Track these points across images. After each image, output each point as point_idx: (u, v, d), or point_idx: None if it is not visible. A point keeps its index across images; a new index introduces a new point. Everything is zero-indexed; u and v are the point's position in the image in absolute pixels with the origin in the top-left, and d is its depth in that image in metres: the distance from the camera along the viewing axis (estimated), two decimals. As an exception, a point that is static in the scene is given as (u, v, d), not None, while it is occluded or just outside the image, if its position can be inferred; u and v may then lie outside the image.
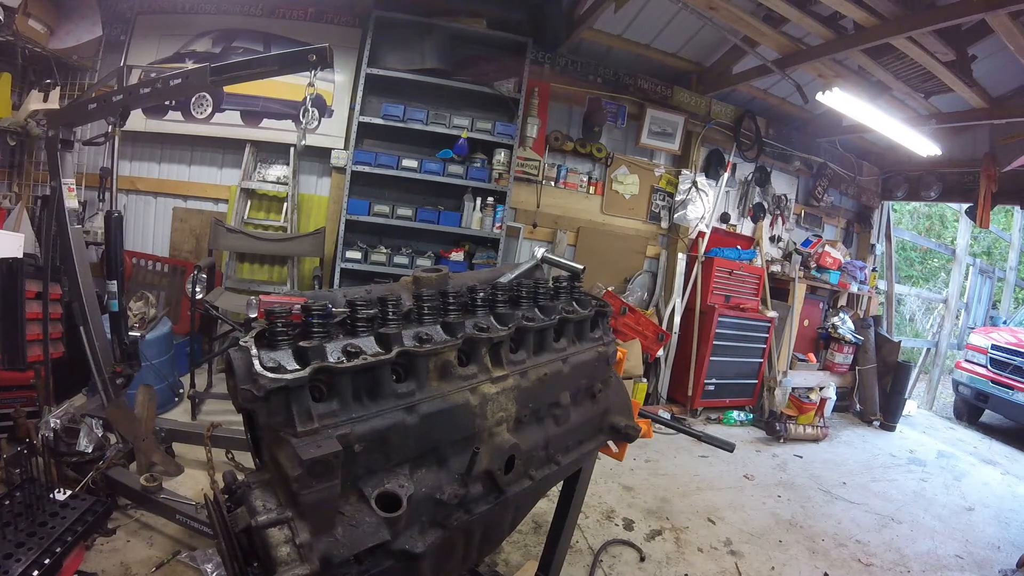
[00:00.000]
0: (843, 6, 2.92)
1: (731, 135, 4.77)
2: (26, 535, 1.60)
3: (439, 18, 3.62)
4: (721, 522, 2.83)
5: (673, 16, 3.74)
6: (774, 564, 2.50)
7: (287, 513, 0.67)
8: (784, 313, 4.91)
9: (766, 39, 3.51)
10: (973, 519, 3.38)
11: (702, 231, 4.71)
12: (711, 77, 4.50)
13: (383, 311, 0.84)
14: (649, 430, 1.72)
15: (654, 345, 4.20)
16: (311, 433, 0.69)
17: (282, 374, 0.68)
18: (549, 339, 1.06)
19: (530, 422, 1.01)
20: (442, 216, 3.76)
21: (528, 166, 4.08)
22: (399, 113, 3.62)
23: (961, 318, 7.98)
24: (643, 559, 2.38)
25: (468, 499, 0.87)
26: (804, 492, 3.38)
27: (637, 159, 4.58)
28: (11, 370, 2.32)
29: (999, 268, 8.71)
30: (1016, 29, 2.81)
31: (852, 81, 3.72)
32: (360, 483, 0.75)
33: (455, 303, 0.92)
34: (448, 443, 0.86)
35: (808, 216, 5.55)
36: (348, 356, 0.75)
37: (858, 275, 5.55)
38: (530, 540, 2.35)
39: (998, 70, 3.67)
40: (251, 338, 0.72)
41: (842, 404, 5.40)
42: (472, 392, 0.88)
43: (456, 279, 1.06)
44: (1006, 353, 5.64)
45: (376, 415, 0.76)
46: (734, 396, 4.65)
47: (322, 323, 0.77)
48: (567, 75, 4.20)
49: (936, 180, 5.25)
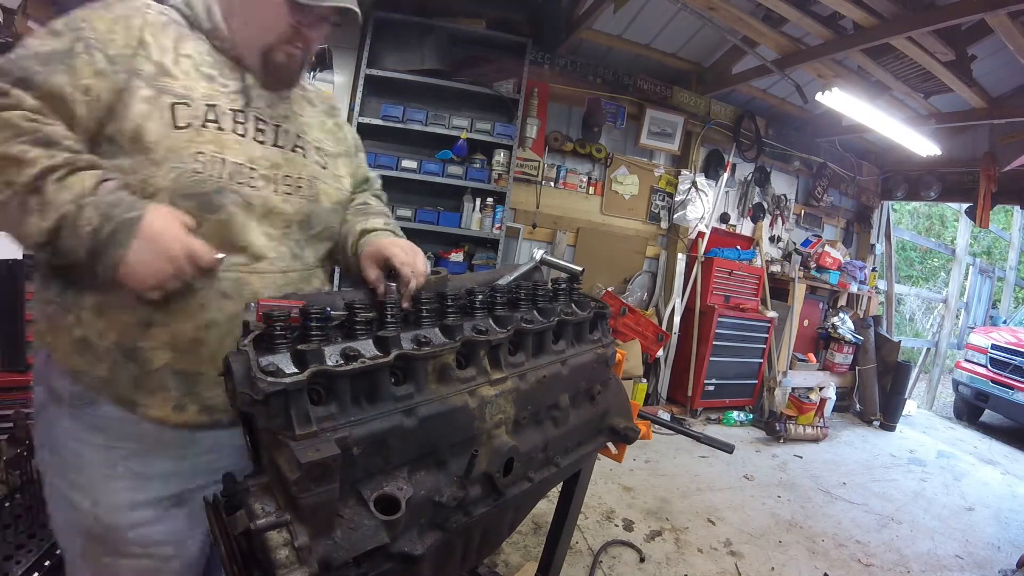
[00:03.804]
0: (843, 6, 2.92)
1: (731, 135, 4.77)
2: (26, 537, 1.60)
3: (439, 19, 3.61)
4: (721, 522, 2.83)
5: (672, 16, 3.74)
6: (774, 564, 2.50)
7: (286, 516, 0.67)
8: (784, 313, 4.91)
9: (765, 39, 3.51)
10: (973, 519, 3.38)
11: (702, 231, 4.71)
12: (710, 77, 4.50)
13: (381, 314, 0.85)
14: (648, 431, 1.72)
15: (654, 345, 4.20)
16: (309, 436, 0.69)
17: (280, 378, 0.68)
18: (548, 341, 1.06)
19: (529, 424, 1.01)
20: (441, 217, 3.76)
21: (527, 167, 4.08)
22: (398, 114, 3.62)
23: (961, 318, 7.99)
24: (643, 560, 2.38)
25: (467, 501, 0.87)
26: (804, 492, 3.38)
27: (637, 159, 4.58)
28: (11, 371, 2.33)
29: (999, 268, 8.71)
30: (1016, 29, 2.81)
31: (852, 81, 3.72)
32: (359, 486, 0.75)
33: (454, 305, 0.92)
34: (447, 445, 0.85)
35: (808, 216, 5.55)
36: (346, 359, 0.75)
37: (858, 275, 5.55)
38: (530, 541, 2.35)
39: (998, 70, 3.67)
40: (249, 341, 0.73)
41: (842, 404, 5.40)
42: (471, 395, 0.88)
43: (455, 281, 1.06)
44: (1006, 353, 5.64)
45: (375, 418, 0.76)
46: (734, 396, 4.65)
47: (320, 326, 0.77)
48: (566, 75, 4.20)
49: (936, 180, 5.25)
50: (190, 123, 0.86)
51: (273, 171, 0.96)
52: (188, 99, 0.87)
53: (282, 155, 0.98)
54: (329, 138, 1.12)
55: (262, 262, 0.94)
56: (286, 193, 0.97)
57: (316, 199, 1.03)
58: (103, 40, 0.83)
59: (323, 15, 0.96)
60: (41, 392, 0.94)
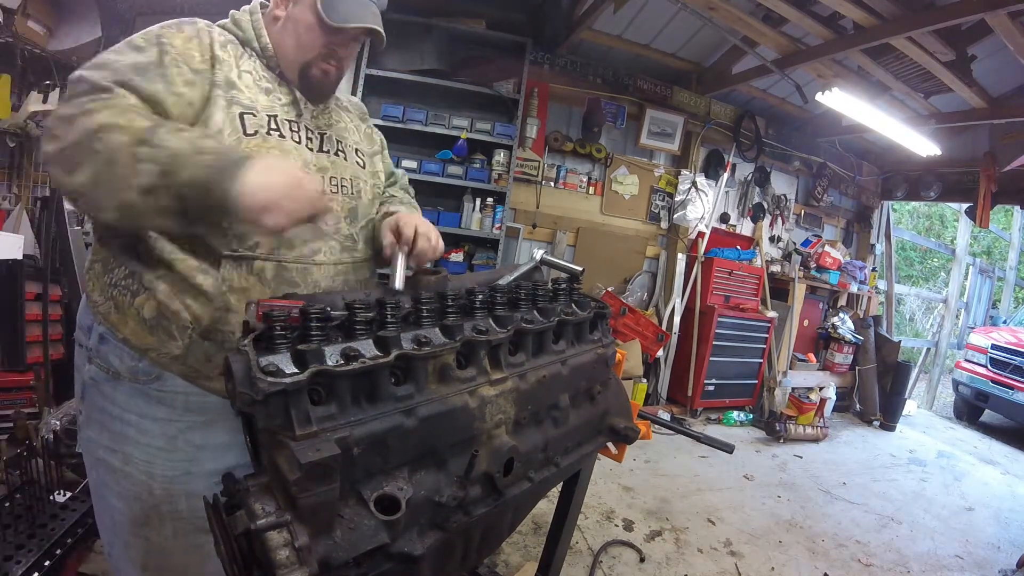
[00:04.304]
0: (843, 6, 2.92)
1: (731, 135, 4.77)
2: (26, 537, 1.60)
3: (438, 19, 3.61)
4: (721, 522, 2.83)
5: (672, 16, 3.74)
6: (774, 564, 2.50)
7: (286, 516, 0.67)
8: (784, 313, 4.91)
9: (766, 39, 3.51)
10: (973, 519, 3.38)
11: (702, 231, 4.71)
12: (710, 77, 4.50)
13: (381, 314, 0.85)
14: (648, 431, 1.72)
15: (654, 345, 4.20)
16: (310, 436, 0.69)
17: (280, 378, 0.68)
18: (548, 341, 1.06)
19: (529, 424, 1.01)
20: (441, 217, 3.76)
21: (527, 167, 4.08)
22: (398, 114, 3.62)
23: (961, 318, 7.98)
24: (643, 560, 2.38)
25: (467, 501, 0.87)
26: (804, 492, 3.38)
27: (637, 159, 4.58)
28: (11, 372, 2.33)
29: (999, 268, 8.71)
30: (1016, 29, 2.81)
31: (852, 81, 3.72)
32: (359, 486, 0.75)
33: (454, 305, 0.92)
34: (447, 445, 0.85)
35: (808, 216, 5.55)
36: (346, 359, 0.75)
37: (858, 275, 5.55)
38: (530, 541, 2.35)
39: (998, 70, 3.67)
40: (249, 341, 0.73)
41: (842, 404, 5.40)
42: (471, 395, 0.88)
43: (455, 281, 1.06)
44: (1006, 353, 5.64)
45: (375, 418, 0.76)
46: (734, 396, 4.65)
47: (320, 326, 0.77)
48: (566, 75, 4.20)
49: (936, 180, 5.25)
50: (257, 131, 0.96)
51: (322, 173, 1.06)
52: (253, 110, 0.97)
53: (328, 159, 1.09)
54: (365, 140, 1.26)
55: (319, 255, 1.04)
56: (332, 192, 1.07)
57: (359, 196, 1.14)
58: (184, 55, 0.92)
59: (354, 36, 1.06)
60: (93, 370, 0.99)
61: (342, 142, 1.14)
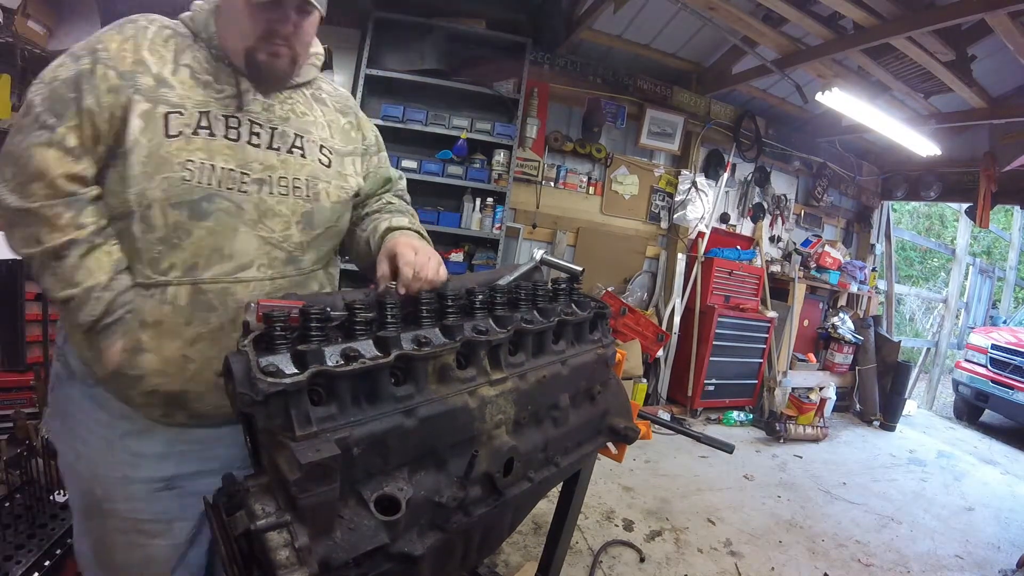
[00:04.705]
0: (843, 6, 2.91)
1: (730, 135, 4.77)
2: (26, 537, 1.60)
3: (438, 19, 3.61)
4: (721, 522, 2.83)
5: (672, 16, 3.74)
6: (774, 564, 2.50)
7: (286, 517, 0.67)
8: (784, 313, 4.91)
9: (765, 39, 3.51)
10: (973, 519, 3.38)
11: (702, 231, 4.71)
12: (710, 77, 4.50)
13: (381, 314, 0.85)
14: (648, 431, 1.72)
15: (654, 345, 4.20)
16: (310, 437, 0.69)
17: (280, 378, 0.68)
18: (548, 341, 1.06)
19: (529, 424, 1.01)
20: (441, 217, 3.76)
21: (527, 166, 4.08)
22: (398, 114, 3.62)
23: (961, 318, 7.98)
24: (643, 560, 2.38)
25: (467, 501, 0.87)
26: (804, 492, 3.38)
27: (637, 159, 4.58)
28: (11, 371, 2.33)
29: (999, 268, 8.71)
30: (1016, 29, 2.81)
31: (852, 81, 3.72)
32: (359, 486, 0.75)
33: (454, 305, 0.92)
34: (447, 446, 0.85)
35: (808, 216, 5.55)
36: (346, 359, 0.75)
37: (858, 275, 5.55)
38: (530, 541, 2.35)
39: (998, 70, 3.67)
40: (249, 342, 0.73)
41: (842, 404, 5.40)
42: (471, 395, 0.88)
43: (455, 281, 1.06)
44: (1006, 353, 5.64)
45: (375, 418, 0.76)
46: (734, 396, 4.65)
47: (320, 327, 0.77)
48: (566, 75, 4.20)
49: (936, 180, 5.25)
50: (181, 131, 0.91)
51: (267, 173, 0.99)
52: (182, 108, 0.92)
53: (277, 157, 1.01)
54: (339, 136, 1.14)
55: (248, 270, 0.97)
56: (281, 194, 1.00)
57: (316, 198, 1.05)
58: (115, 58, 0.90)
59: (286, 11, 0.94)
60: (58, 366, 1.03)
61: (303, 137, 1.05)
